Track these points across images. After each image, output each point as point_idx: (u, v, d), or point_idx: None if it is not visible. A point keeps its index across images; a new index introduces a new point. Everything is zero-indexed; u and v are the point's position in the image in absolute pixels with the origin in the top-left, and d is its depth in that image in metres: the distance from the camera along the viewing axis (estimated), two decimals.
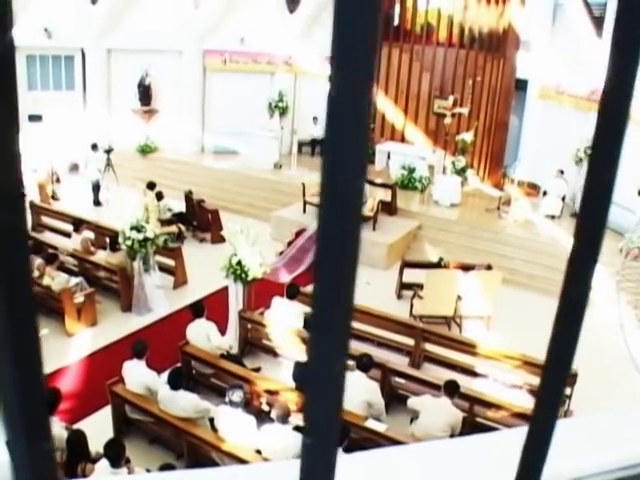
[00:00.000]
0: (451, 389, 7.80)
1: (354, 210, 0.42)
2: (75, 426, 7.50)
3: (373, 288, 12.99)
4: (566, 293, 0.58)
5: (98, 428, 7.70)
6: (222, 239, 14.50)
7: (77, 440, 6.63)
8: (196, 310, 9.35)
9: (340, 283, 0.43)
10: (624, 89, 0.51)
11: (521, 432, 0.63)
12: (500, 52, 17.73)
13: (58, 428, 7.00)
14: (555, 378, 0.62)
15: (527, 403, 8.64)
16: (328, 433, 0.48)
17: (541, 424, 0.61)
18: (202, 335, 9.09)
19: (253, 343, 10.26)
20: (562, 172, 15.83)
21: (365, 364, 8.08)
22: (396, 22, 19.04)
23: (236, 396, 7.09)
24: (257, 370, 9.49)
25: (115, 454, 6.15)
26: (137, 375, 8.00)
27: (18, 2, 17.96)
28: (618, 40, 0.49)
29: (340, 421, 0.49)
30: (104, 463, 6.39)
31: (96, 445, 6.88)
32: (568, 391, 8.83)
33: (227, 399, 7.19)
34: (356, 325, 10.36)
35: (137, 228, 10.90)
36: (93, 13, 18.64)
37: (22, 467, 0.43)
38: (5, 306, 0.41)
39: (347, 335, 0.46)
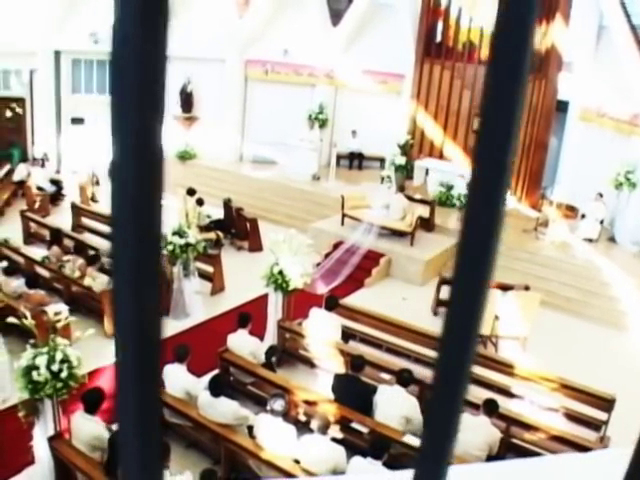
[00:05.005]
0: (490, 408, 7.75)
1: None
2: (113, 426, 7.55)
3: (409, 304, 13.00)
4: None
5: None
6: (260, 248, 14.61)
7: None
8: (242, 321, 9.29)
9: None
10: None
11: None
12: (542, 72, 17.66)
13: (100, 428, 7.09)
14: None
15: (564, 427, 8.57)
16: None
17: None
18: (244, 347, 9.14)
19: (290, 353, 10.29)
20: (601, 195, 15.68)
21: (406, 379, 8.07)
22: (438, 39, 19.08)
23: (278, 405, 7.12)
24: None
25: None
26: (178, 379, 8.06)
27: (67, 7, 18.32)
28: None
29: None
30: None
31: None
32: (605, 417, 8.74)
33: (269, 407, 7.23)
34: (393, 340, 10.37)
35: (179, 233, 11.03)
36: None
37: None
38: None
39: None
